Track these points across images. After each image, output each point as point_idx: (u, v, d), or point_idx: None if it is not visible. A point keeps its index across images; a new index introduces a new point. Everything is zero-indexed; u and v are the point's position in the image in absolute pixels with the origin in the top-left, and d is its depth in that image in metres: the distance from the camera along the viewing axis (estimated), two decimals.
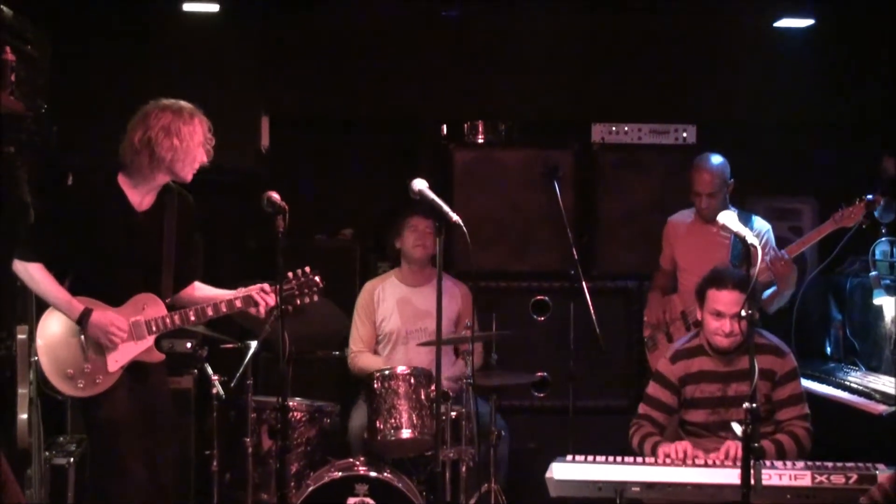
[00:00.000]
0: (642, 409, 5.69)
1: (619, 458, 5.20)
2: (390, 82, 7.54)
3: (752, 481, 4.61)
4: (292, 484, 6.17)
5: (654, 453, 5.39)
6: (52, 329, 5.26)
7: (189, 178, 5.27)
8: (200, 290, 5.53)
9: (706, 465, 5.17)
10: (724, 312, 5.44)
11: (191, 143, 5.18)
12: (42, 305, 5.34)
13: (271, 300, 5.32)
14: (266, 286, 5.35)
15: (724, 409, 5.52)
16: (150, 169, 5.20)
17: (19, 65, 5.91)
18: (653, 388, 5.69)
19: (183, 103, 5.24)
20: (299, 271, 5.36)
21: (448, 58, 7.51)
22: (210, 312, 5.34)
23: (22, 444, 5.91)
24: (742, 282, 5.27)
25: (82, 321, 5.16)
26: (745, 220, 6.38)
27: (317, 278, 5.38)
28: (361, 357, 6.66)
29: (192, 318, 5.32)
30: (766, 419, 5.47)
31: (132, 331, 5.24)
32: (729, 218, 5.07)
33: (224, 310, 5.36)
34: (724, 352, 5.54)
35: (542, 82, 7.56)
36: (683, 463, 5.20)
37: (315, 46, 7.42)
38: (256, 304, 5.35)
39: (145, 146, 5.14)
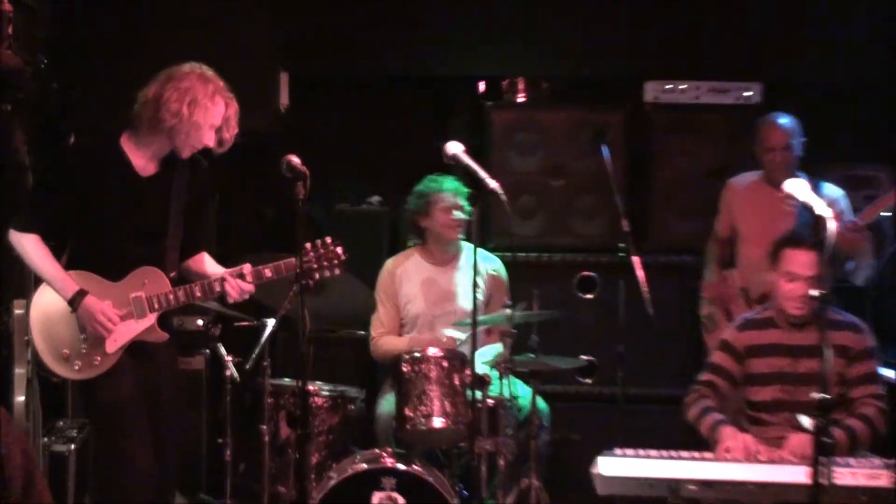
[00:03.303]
0: (705, 376, 5.69)
1: (673, 453, 5.15)
2: (421, 35, 7.52)
3: (823, 480, 4.57)
4: (312, 476, 6.15)
5: (712, 434, 5.40)
6: (48, 304, 5.22)
7: (185, 154, 5.22)
8: (209, 265, 5.49)
9: (771, 461, 5.13)
10: (798, 274, 5.43)
11: (200, 119, 5.11)
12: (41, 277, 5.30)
13: (245, 288, 5.27)
14: (247, 267, 5.28)
15: (794, 386, 5.50)
16: (149, 128, 5.15)
17: (17, 16, 5.93)
18: (718, 357, 5.70)
19: (215, 78, 5.19)
20: (319, 242, 5.30)
21: (485, 7, 7.47)
22: (217, 288, 5.29)
23: None
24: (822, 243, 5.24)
25: (74, 303, 5.13)
26: (815, 188, 6.32)
27: (338, 250, 5.32)
28: (384, 340, 6.64)
29: (199, 294, 5.27)
30: (839, 404, 5.42)
31: (133, 308, 5.21)
32: (795, 185, 5.05)
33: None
34: (796, 323, 5.52)
35: (589, 35, 7.50)
36: (745, 459, 5.16)
37: None
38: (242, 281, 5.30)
39: (153, 102, 5.11)
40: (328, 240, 5.32)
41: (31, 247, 5.16)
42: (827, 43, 7.40)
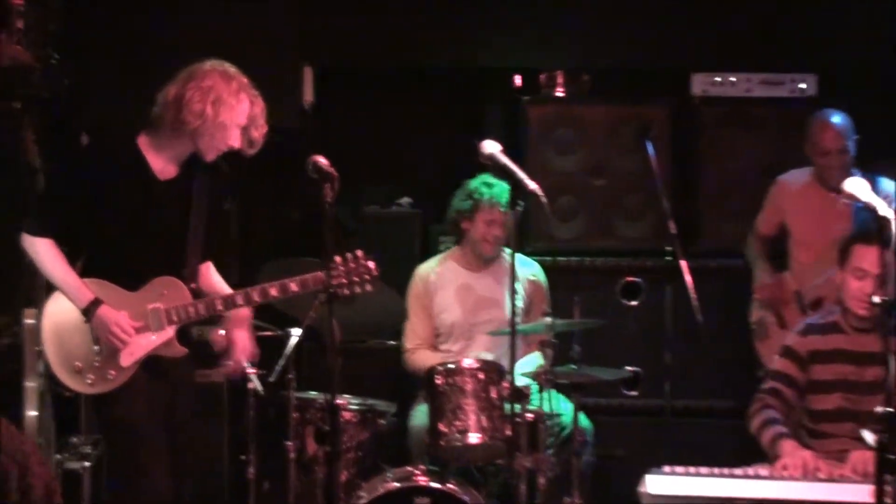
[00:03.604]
0: (769, 384, 5.65)
1: (725, 470, 5.09)
2: (453, 25, 7.56)
3: (888, 500, 4.50)
4: (341, 495, 6.07)
5: (773, 447, 5.35)
6: (60, 314, 5.19)
7: (210, 157, 5.17)
8: (213, 275, 5.47)
9: (831, 479, 5.06)
10: (868, 271, 5.38)
11: (225, 119, 5.07)
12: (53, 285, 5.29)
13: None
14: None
15: (858, 395, 5.45)
16: (172, 130, 5.10)
17: (28, 9, 5.92)
18: (780, 363, 5.65)
19: (238, 74, 5.15)
20: (349, 255, 5.24)
21: None
22: (240, 300, 5.26)
23: None
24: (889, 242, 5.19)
25: (88, 312, 5.10)
26: (870, 183, 6.29)
27: (370, 264, 5.25)
28: (418, 355, 6.61)
29: (220, 307, 5.24)
30: None
31: (150, 320, 5.16)
32: (856, 185, 4.99)
33: (256, 298, 5.26)
34: (862, 328, 5.47)
35: (632, 24, 7.53)
36: (804, 476, 5.10)
37: None
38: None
39: (174, 103, 5.06)
40: (359, 253, 5.26)
41: (44, 251, 5.13)
42: (883, 31, 7.37)
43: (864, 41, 7.40)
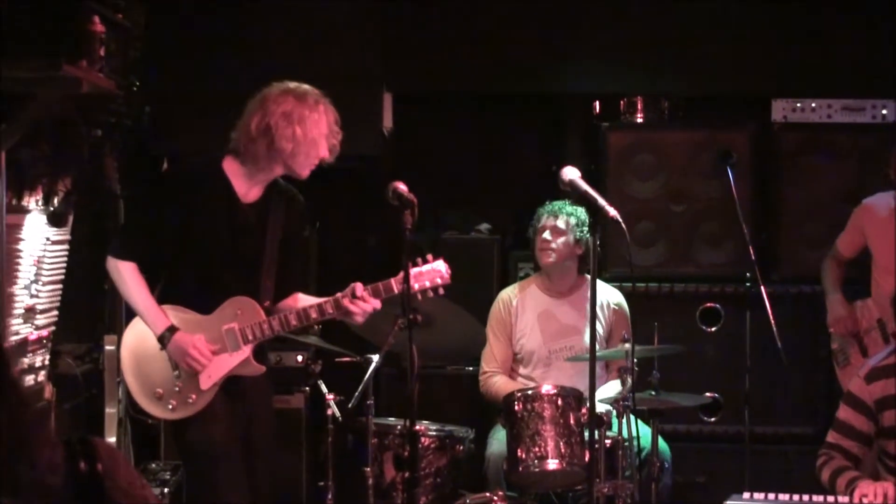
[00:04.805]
0: (832, 437, 5.50)
1: (805, 497, 5.04)
2: (532, 52, 7.48)
3: None
4: None
5: (848, 491, 5.22)
6: (137, 342, 5.27)
7: (305, 174, 5.26)
8: (303, 301, 5.48)
9: None
10: None
11: (315, 134, 5.17)
12: (133, 311, 5.35)
13: (367, 306, 5.28)
14: (359, 286, 5.29)
15: None
16: (268, 160, 5.20)
17: (109, 36, 5.95)
18: (844, 413, 5.48)
19: (308, 88, 5.24)
20: (419, 259, 5.28)
21: (600, 22, 7.44)
22: (314, 315, 5.28)
23: None
24: None
25: (163, 339, 5.16)
26: None
27: (443, 267, 5.30)
28: (495, 380, 6.62)
29: (294, 323, 5.26)
30: None
31: (226, 341, 5.23)
32: None
33: (330, 311, 5.29)
34: None
35: (712, 50, 7.44)
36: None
37: (444, 11, 7.40)
38: (347, 312, 5.30)
39: (263, 134, 5.14)
40: (429, 257, 5.31)
41: (128, 275, 5.20)
42: None
43: None
